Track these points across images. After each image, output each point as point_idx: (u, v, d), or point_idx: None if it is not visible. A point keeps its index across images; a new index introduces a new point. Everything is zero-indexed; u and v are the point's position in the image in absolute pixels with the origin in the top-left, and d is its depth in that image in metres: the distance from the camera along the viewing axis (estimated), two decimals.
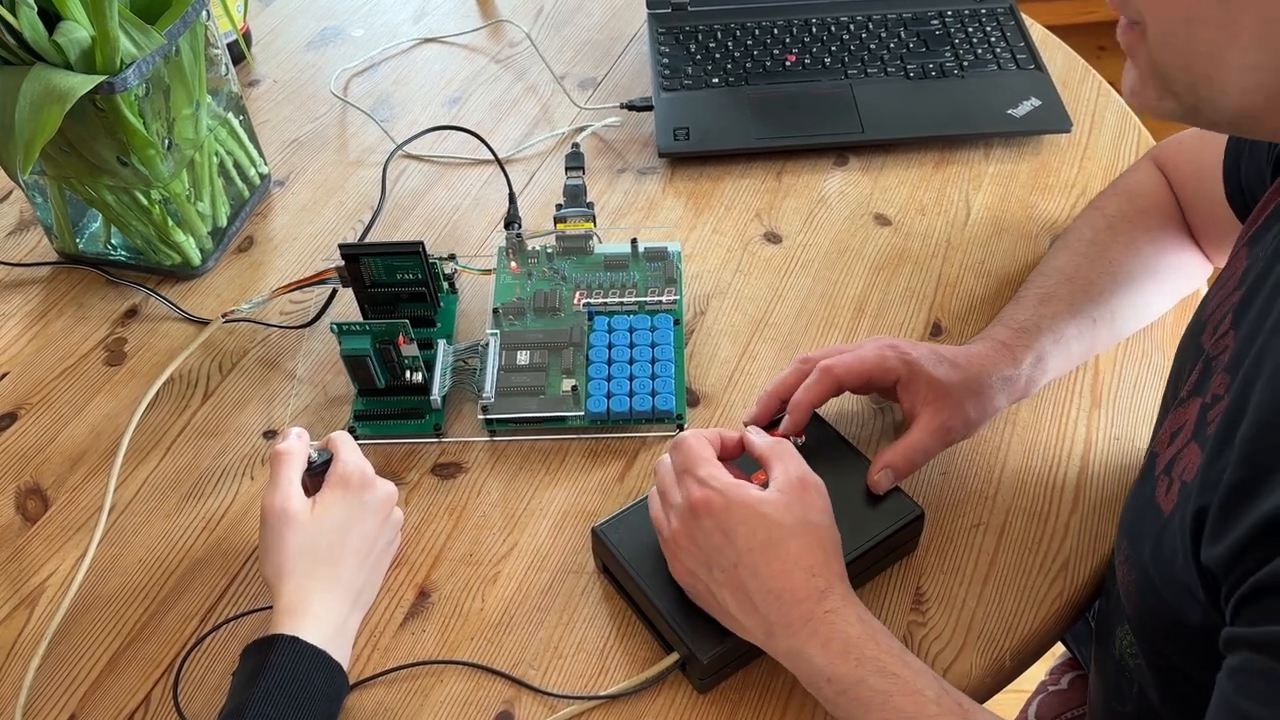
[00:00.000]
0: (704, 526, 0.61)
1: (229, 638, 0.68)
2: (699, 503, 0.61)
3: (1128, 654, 0.62)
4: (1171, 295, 0.81)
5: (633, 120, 1.02)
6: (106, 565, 0.72)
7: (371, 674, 0.66)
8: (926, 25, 1.07)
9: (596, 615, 0.68)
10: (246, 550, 0.72)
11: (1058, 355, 0.74)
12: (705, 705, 0.64)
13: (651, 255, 0.85)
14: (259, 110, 1.05)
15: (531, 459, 0.77)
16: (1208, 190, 0.73)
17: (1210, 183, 0.73)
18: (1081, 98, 1.02)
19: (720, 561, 0.60)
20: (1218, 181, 0.72)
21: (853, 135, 0.98)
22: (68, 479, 0.77)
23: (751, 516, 0.60)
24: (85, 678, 0.67)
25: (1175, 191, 0.79)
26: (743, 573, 0.59)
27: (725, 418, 0.78)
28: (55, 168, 0.83)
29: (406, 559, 0.71)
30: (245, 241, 0.93)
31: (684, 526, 0.62)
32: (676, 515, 0.62)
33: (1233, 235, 0.74)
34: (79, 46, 0.75)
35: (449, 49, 1.13)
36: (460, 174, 0.99)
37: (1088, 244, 0.79)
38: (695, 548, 0.61)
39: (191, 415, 0.80)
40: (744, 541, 0.59)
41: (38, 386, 0.83)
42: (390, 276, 0.79)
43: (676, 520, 0.62)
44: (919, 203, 0.94)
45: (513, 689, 0.65)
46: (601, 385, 0.77)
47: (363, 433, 0.77)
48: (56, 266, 0.92)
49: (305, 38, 1.14)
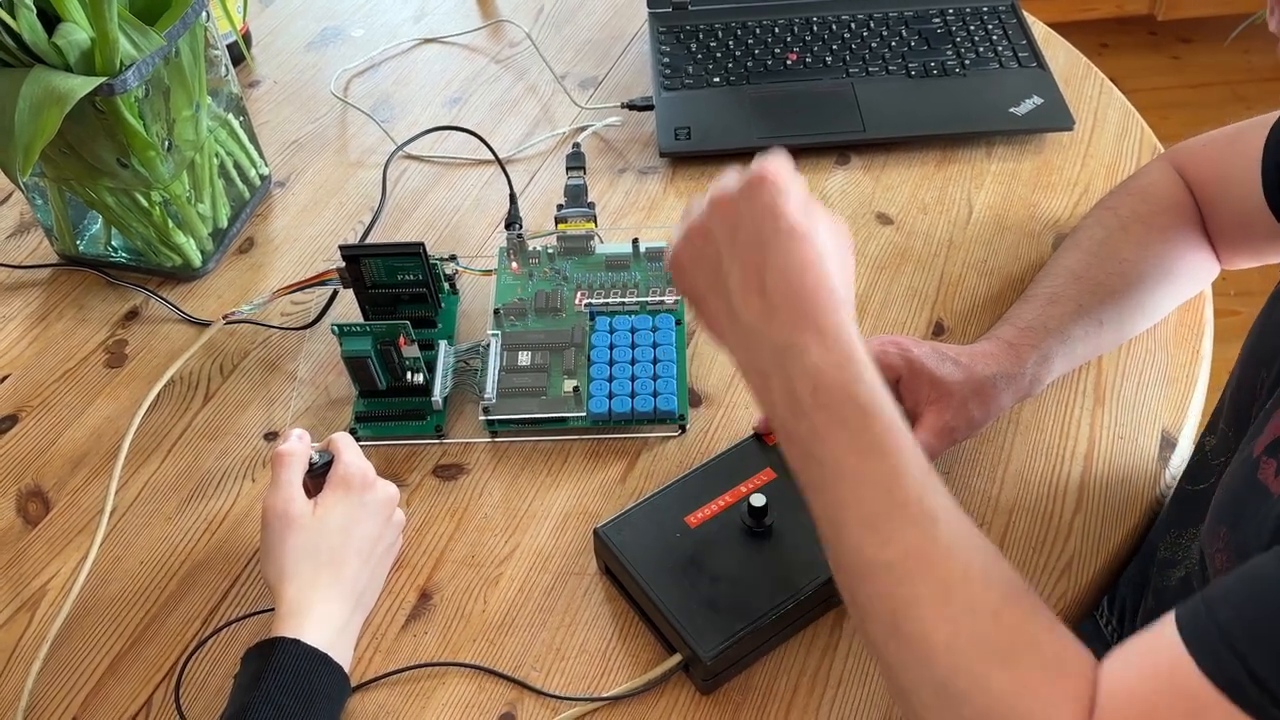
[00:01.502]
0: (758, 196, 0.55)
1: (231, 640, 0.68)
2: (769, 173, 0.55)
3: None
4: (1179, 297, 0.81)
5: (634, 120, 1.02)
6: (108, 568, 0.72)
7: (373, 676, 0.66)
8: (928, 23, 1.06)
9: (599, 617, 0.68)
10: (248, 552, 0.72)
11: (1063, 355, 0.74)
12: (708, 706, 0.64)
13: (653, 255, 0.85)
14: (259, 111, 1.05)
15: (533, 460, 0.76)
16: (1237, 191, 0.73)
17: (1240, 184, 0.72)
18: (1084, 95, 1.02)
19: (750, 231, 0.55)
20: (1250, 183, 0.71)
21: (854, 134, 0.98)
22: (69, 481, 0.77)
23: (808, 206, 0.55)
24: (87, 681, 0.67)
25: (1195, 193, 0.79)
26: (770, 252, 0.54)
27: (727, 418, 0.78)
28: (55, 170, 0.83)
29: (408, 561, 0.71)
30: (246, 243, 0.93)
31: (733, 193, 0.56)
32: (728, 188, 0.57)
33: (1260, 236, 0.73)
34: (78, 48, 0.75)
35: (449, 49, 1.12)
36: (461, 174, 0.98)
37: (1098, 244, 0.78)
38: (732, 209, 0.56)
39: (192, 417, 0.80)
40: (791, 221, 0.54)
41: (38, 389, 0.83)
42: (391, 277, 0.79)
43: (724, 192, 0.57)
44: (921, 202, 0.93)
45: (515, 691, 0.65)
46: (603, 386, 0.77)
47: (364, 434, 0.77)
48: (57, 268, 0.91)
49: (305, 38, 1.14)
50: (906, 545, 0.50)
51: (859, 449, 0.51)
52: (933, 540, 0.50)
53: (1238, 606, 0.44)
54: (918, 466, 0.52)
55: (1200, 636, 0.44)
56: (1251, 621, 0.43)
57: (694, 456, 0.76)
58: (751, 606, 0.63)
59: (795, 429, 0.53)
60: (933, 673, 0.49)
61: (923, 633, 0.49)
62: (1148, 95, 2.28)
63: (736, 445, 0.71)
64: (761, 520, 0.66)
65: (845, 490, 0.52)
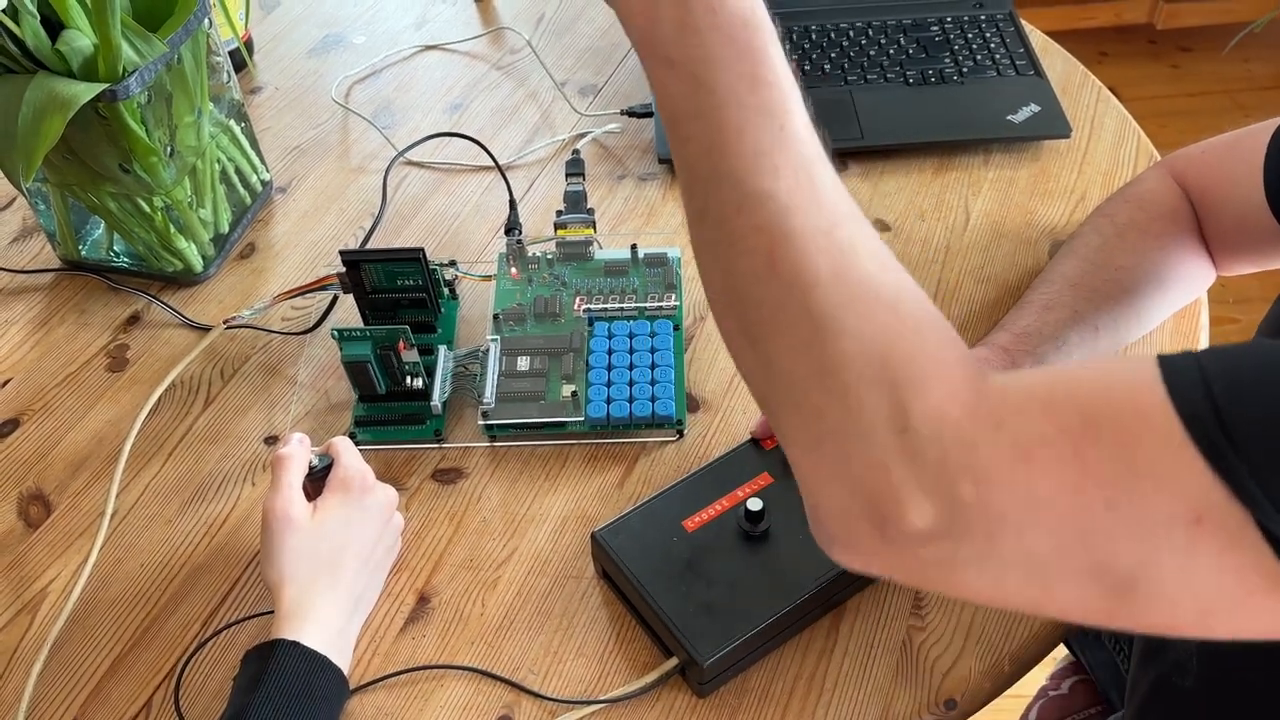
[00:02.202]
0: None
1: (230, 643, 0.68)
2: None
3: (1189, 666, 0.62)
4: (1175, 304, 0.81)
5: (633, 127, 1.03)
6: (108, 571, 0.72)
7: (372, 678, 0.66)
8: (926, 31, 1.07)
9: (596, 620, 0.68)
10: (248, 555, 0.72)
11: (1058, 361, 0.74)
12: (704, 710, 0.64)
13: (651, 261, 0.86)
14: (261, 117, 1.06)
15: (531, 464, 0.77)
16: (1237, 195, 0.73)
17: (1243, 189, 0.72)
18: (1081, 104, 1.02)
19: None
20: (1251, 186, 0.71)
21: (852, 141, 0.98)
22: (70, 485, 0.77)
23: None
24: (87, 683, 0.67)
25: (1195, 200, 0.79)
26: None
27: (726, 423, 0.78)
28: (58, 175, 0.84)
29: (407, 564, 0.72)
30: (247, 248, 0.94)
31: None
32: None
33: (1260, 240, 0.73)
34: (81, 54, 0.75)
35: (450, 56, 1.13)
36: (461, 180, 0.99)
37: (1095, 250, 0.78)
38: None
39: (193, 421, 0.81)
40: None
41: (40, 393, 0.83)
42: (391, 282, 0.80)
43: None
44: (918, 208, 0.94)
45: (512, 694, 0.65)
46: (601, 390, 0.77)
47: (363, 438, 0.78)
48: (59, 273, 0.92)
49: (307, 45, 1.15)
50: (796, 179, 0.46)
51: (755, 78, 0.47)
52: (822, 181, 0.47)
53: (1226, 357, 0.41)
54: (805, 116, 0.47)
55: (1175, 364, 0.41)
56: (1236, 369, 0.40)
57: (691, 461, 0.76)
58: (748, 610, 0.63)
59: (683, 51, 0.47)
60: (808, 305, 0.45)
61: (804, 264, 0.45)
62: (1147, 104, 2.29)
63: (734, 450, 0.72)
64: (758, 524, 0.66)
65: (735, 115, 0.47)
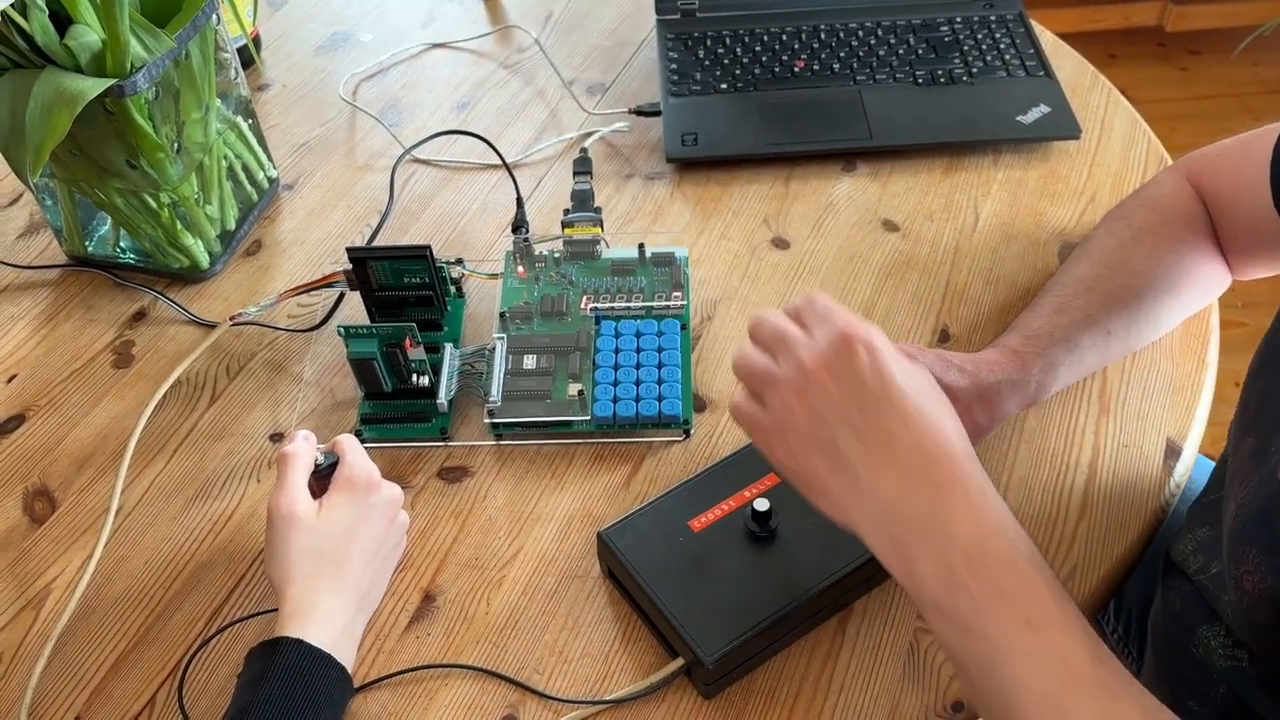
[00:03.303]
0: (857, 360, 0.53)
1: (234, 640, 0.68)
2: (857, 332, 0.53)
3: (1218, 654, 0.61)
4: (1189, 309, 0.81)
5: (641, 125, 1.03)
6: (113, 567, 0.72)
7: (376, 677, 0.66)
8: (936, 32, 1.07)
9: (601, 620, 0.68)
10: (252, 553, 0.72)
11: (1070, 364, 0.73)
12: (710, 711, 0.64)
13: (659, 260, 0.85)
14: (268, 114, 1.06)
15: (537, 463, 0.77)
16: (1249, 197, 0.73)
17: (1254, 192, 0.72)
18: (1091, 105, 1.02)
19: (861, 400, 0.52)
20: (1262, 190, 0.71)
21: (861, 141, 0.98)
22: (75, 481, 0.77)
23: (904, 359, 0.53)
24: (90, 680, 0.67)
25: (1209, 203, 0.78)
26: (889, 419, 0.52)
27: (732, 423, 0.78)
28: (65, 171, 0.84)
29: (412, 562, 0.71)
30: (253, 245, 0.94)
31: (826, 359, 0.53)
32: (812, 350, 0.54)
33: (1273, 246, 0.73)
34: (89, 50, 0.75)
35: (458, 54, 1.13)
36: (468, 178, 0.99)
37: (1110, 254, 0.78)
38: (836, 385, 0.53)
39: (198, 418, 0.80)
40: (900, 383, 0.52)
41: (46, 388, 0.83)
42: (397, 280, 0.79)
43: (812, 355, 0.54)
44: (927, 209, 0.94)
45: (517, 693, 0.65)
46: (608, 390, 0.77)
47: (369, 436, 0.77)
48: (65, 269, 0.92)
49: (314, 42, 1.15)
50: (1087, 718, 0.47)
51: (1029, 622, 0.48)
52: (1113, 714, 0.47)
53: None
54: (1086, 633, 0.48)
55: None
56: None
57: (698, 461, 0.76)
58: (754, 611, 0.63)
59: (952, 604, 0.49)
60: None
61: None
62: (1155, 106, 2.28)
63: (740, 450, 0.71)
64: (765, 525, 0.66)
65: (1018, 666, 0.48)
